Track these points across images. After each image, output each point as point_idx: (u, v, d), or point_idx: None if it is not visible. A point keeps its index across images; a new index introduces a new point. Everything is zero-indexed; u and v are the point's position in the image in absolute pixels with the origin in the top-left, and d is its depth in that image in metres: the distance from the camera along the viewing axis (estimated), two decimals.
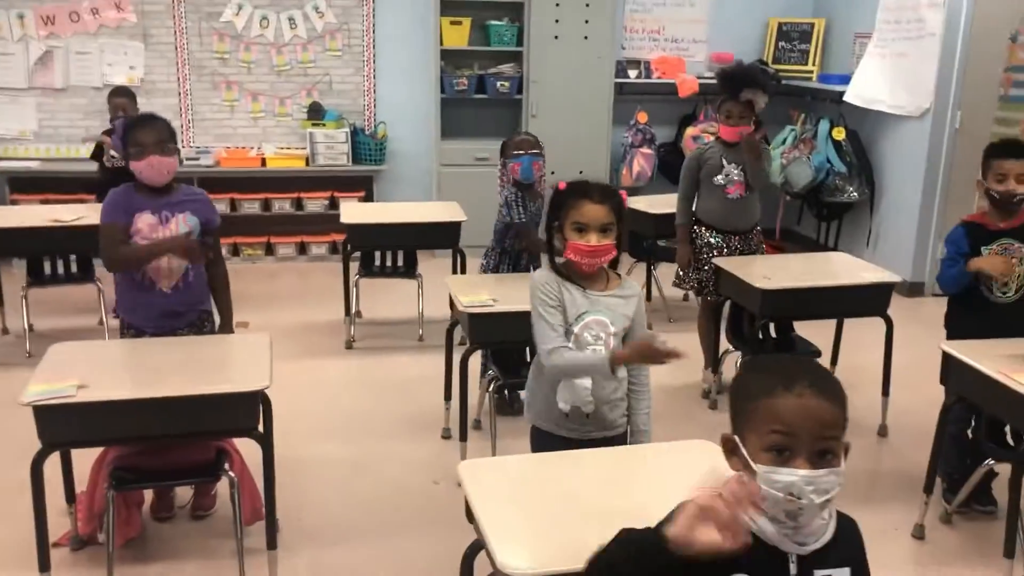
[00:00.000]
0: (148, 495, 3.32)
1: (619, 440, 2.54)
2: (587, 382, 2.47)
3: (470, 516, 2.27)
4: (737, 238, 4.38)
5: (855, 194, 6.55)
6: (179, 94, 6.64)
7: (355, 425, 4.20)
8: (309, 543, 3.22)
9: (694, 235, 4.45)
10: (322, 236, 6.82)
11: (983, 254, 3.34)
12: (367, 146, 6.73)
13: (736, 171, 4.28)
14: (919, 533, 3.34)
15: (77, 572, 3.02)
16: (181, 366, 2.88)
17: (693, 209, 4.46)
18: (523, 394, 4.22)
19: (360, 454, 3.92)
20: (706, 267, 4.37)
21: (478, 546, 2.23)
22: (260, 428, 2.82)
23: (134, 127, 3.11)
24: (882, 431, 4.11)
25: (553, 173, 4.15)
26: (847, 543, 1.47)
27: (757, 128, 4.41)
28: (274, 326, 3.38)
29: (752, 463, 1.39)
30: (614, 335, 2.47)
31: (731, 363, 4.69)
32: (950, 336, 3.41)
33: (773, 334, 4.38)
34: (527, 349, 3.99)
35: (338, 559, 3.16)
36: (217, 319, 3.37)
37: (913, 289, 6.12)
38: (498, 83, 6.69)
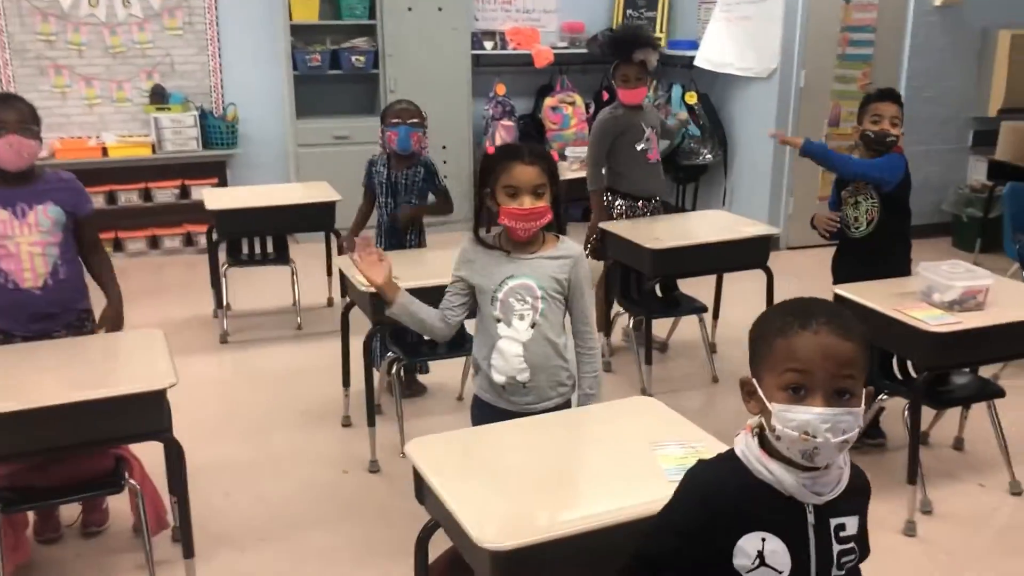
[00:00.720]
0: (30, 517, 3.01)
1: (561, 410, 2.50)
2: (518, 348, 2.41)
3: (420, 497, 2.19)
4: (652, 203, 4.41)
5: (709, 156, 6.78)
6: None
7: (247, 423, 3.97)
8: (223, 549, 3.01)
9: (607, 204, 4.40)
10: (175, 228, 6.42)
11: (842, 196, 3.63)
12: (217, 130, 6.37)
13: (655, 135, 4.31)
14: None
15: None
16: (68, 369, 2.61)
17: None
18: (421, 377, 4.22)
19: (260, 452, 3.71)
20: None
21: (431, 528, 2.15)
22: None
23: None
24: None
25: (425, 148, 4.04)
26: (858, 492, 1.48)
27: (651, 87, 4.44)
28: (135, 327, 3.10)
29: (768, 403, 1.37)
30: (542, 299, 2.40)
31: (619, 326, 4.78)
32: (837, 279, 3.57)
33: (659, 294, 4.47)
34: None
35: (258, 562, 2.98)
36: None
37: (771, 244, 6.39)
38: (353, 58, 6.47)
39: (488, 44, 6.97)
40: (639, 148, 4.27)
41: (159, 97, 6.28)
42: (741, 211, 6.42)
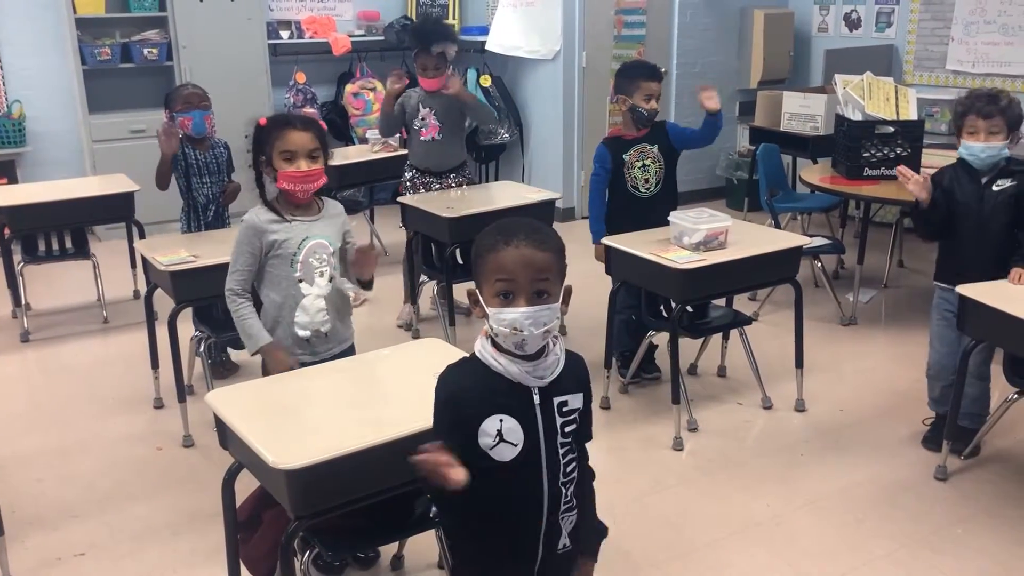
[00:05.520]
0: None
1: (349, 352, 2.73)
2: (321, 303, 2.63)
3: (224, 443, 2.37)
4: (450, 178, 4.68)
5: (507, 135, 7.16)
6: None
7: (56, 416, 3.96)
8: (35, 531, 3.05)
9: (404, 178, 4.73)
10: None
11: (624, 160, 3.91)
12: (3, 128, 6.14)
13: (431, 115, 4.55)
14: (605, 404, 3.90)
15: None
16: None
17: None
18: (234, 353, 4.32)
19: (69, 440, 3.72)
20: None
21: (235, 470, 2.34)
22: None
23: None
24: (562, 330, 4.66)
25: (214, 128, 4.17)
26: (575, 374, 1.77)
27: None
28: None
29: (486, 308, 1.66)
30: (333, 254, 2.65)
31: (428, 295, 5.04)
32: (610, 232, 3.95)
33: (460, 260, 4.75)
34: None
35: (71, 539, 3.03)
36: None
37: (567, 214, 6.86)
38: (145, 50, 6.39)
39: (284, 33, 7.05)
40: (415, 127, 4.59)
41: None
42: (539, 184, 6.84)
